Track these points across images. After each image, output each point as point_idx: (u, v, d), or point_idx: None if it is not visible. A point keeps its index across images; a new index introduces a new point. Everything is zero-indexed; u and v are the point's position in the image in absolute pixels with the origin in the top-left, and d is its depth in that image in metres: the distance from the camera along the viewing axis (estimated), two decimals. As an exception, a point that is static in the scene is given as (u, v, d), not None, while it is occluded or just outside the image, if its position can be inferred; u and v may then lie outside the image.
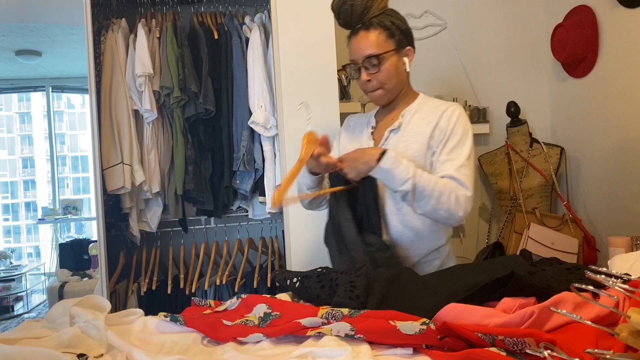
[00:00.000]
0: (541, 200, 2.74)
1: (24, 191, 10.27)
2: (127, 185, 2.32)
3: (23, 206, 10.15)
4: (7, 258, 6.01)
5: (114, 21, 2.44)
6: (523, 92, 3.04)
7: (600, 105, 2.65)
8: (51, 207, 6.24)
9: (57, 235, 6.14)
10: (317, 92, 2.22)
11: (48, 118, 6.82)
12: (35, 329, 1.22)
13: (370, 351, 1.00)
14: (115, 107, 2.35)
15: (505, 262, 1.49)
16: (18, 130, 10.43)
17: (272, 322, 1.21)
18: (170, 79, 2.35)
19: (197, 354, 1.12)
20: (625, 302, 0.99)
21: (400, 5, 3.02)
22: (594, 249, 2.58)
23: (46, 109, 6.78)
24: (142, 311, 1.35)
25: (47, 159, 7.65)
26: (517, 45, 3.07)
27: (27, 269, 5.94)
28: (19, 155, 10.38)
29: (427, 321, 1.03)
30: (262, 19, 2.50)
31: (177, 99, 2.36)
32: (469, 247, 3.03)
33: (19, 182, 10.27)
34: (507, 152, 2.83)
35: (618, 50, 2.51)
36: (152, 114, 2.38)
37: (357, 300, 1.29)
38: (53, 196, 6.69)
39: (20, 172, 10.37)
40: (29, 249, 9.44)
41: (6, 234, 9.57)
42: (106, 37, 2.39)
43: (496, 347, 0.91)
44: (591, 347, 0.83)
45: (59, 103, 10.30)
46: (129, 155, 2.35)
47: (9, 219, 9.85)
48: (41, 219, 5.96)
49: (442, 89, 3.02)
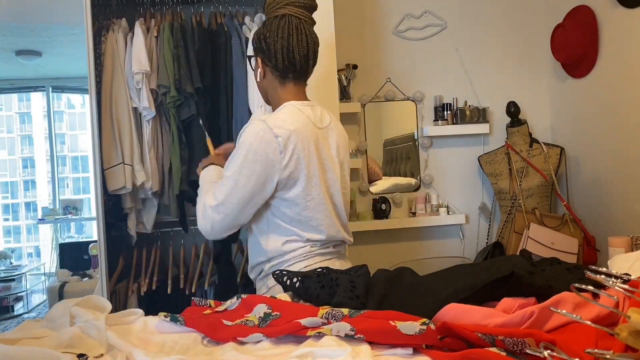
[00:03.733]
0: (541, 200, 2.74)
1: (24, 191, 10.27)
2: (128, 185, 2.32)
3: (23, 206, 10.14)
4: (7, 258, 6.00)
5: (114, 21, 2.44)
6: (523, 92, 3.04)
7: (600, 105, 2.65)
8: (51, 207, 6.24)
9: (57, 235, 6.14)
10: (317, 92, 2.22)
11: (48, 118, 6.82)
12: (35, 329, 1.22)
13: (370, 351, 1.00)
14: (116, 107, 2.35)
15: (505, 262, 1.49)
16: (18, 130, 10.42)
17: (272, 322, 1.21)
18: (167, 78, 2.35)
19: (197, 354, 1.12)
20: (625, 302, 0.99)
21: (400, 5, 3.05)
22: (594, 249, 2.58)
23: (46, 109, 6.78)
24: (142, 311, 1.35)
25: (47, 159, 7.65)
26: (517, 45, 3.08)
27: (27, 269, 5.94)
28: (19, 155, 10.37)
29: (427, 321, 1.03)
30: (262, 19, 2.50)
31: (173, 98, 2.36)
32: (469, 247, 3.03)
33: (19, 182, 10.26)
34: (507, 152, 2.83)
35: (618, 50, 2.51)
36: (150, 112, 2.38)
37: (357, 300, 1.29)
38: (53, 196, 6.68)
39: (20, 172, 10.36)
40: (29, 249, 9.44)
41: (6, 234, 9.56)
42: (107, 37, 2.39)
43: (496, 347, 0.91)
44: (591, 347, 0.83)
45: (59, 103, 10.29)
46: (129, 155, 2.35)
47: (9, 219, 9.84)
48: (41, 219, 5.96)
49: (442, 89, 3.02)
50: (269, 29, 1.54)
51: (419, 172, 3.03)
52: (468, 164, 3.04)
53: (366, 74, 2.98)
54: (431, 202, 2.98)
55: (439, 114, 2.99)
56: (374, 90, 2.98)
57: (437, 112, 3.00)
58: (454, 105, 2.99)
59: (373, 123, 3.01)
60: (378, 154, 3.05)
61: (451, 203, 3.02)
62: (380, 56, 3.01)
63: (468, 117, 2.95)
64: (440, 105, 2.99)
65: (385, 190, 3.02)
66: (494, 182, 2.87)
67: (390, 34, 3.01)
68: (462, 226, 3.03)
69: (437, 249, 3.01)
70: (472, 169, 3.04)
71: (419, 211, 2.95)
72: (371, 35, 3.00)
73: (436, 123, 2.99)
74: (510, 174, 2.80)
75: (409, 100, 3.02)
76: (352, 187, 2.93)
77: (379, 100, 2.99)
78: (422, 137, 3.03)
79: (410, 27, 3.03)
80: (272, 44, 1.53)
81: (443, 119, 2.98)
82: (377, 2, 3.01)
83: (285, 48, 1.52)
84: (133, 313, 1.32)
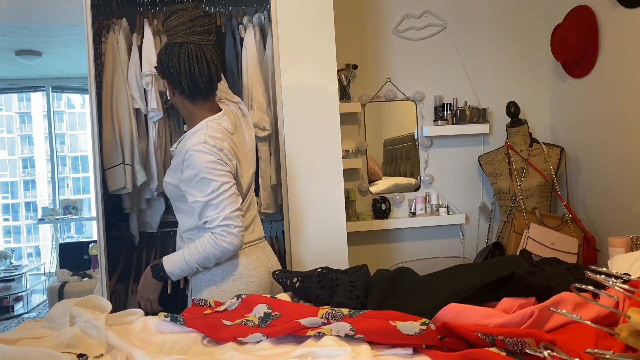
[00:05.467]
0: (541, 200, 2.74)
1: (24, 191, 10.26)
2: (129, 185, 2.32)
3: (23, 206, 10.14)
4: (7, 258, 6.00)
5: (115, 21, 2.44)
6: (523, 92, 3.05)
7: (600, 105, 2.65)
8: (51, 207, 6.23)
9: (57, 235, 6.14)
10: (317, 92, 2.23)
11: (48, 118, 6.82)
12: (35, 329, 1.22)
13: (370, 351, 1.00)
14: (117, 107, 2.35)
15: (505, 262, 1.49)
16: (18, 130, 10.42)
17: (272, 322, 1.21)
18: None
19: (197, 354, 1.12)
20: (625, 302, 0.99)
21: (400, 5, 3.06)
22: (594, 249, 2.58)
23: (46, 109, 6.77)
24: (142, 311, 1.35)
25: (47, 159, 7.65)
26: (517, 45, 3.08)
27: (27, 269, 5.93)
28: (19, 155, 10.37)
29: (427, 321, 1.04)
30: (261, 19, 2.50)
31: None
32: (469, 247, 3.03)
33: (19, 182, 10.26)
34: (507, 152, 2.83)
35: (618, 50, 2.51)
36: (157, 114, 2.38)
37: (357, 300, 1.29)
38: (53, 196, 6.68)
39: (20, 172, 10.36)
40: (29, 249, 9.43)
41: (6, 234, 9.56)
42: (107, 37, 2.39)
43: (496, 347, 0.91)
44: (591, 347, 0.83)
45: (59, 103, 10.29)
46: (130, 155, 2.35)
47: (9, 219, 9.84)
48: (41, 219, 5.95)
49: (442, 89, 3.02)
50: (170, 58, 1.60)
51: (419, 172, 3.03)
52: (468, 164, 3.04)
53: (366, 74, 2.98)
54: (431, 202, 2.98)
55: (439, 114, 2.99)
56: (374, 90, 2.99)
57: (437, 112, 3.00)
58: (454, 105, 2.99)
59: (373, 123, 3.02)
60: (378, 154, 3.05)
61: (451, 203, 3.02)
62: (380, 56, 3.01)
63: (468, 117, 2.96)
64: (440, 105, 2.99)
65: (385, 190, 3.02)
66: (494, 182, 2.87)
67: (390, 34, 3.02)
68: (462, 226, 3.03)
69: (437, 249, 3.01)
70: (472, 169, 3.04)
71: (419, 211, 2.95)
72: (371, 35, 3.00)
73: (436, 123, 2.99)
74: (510, 174, 2.80)
75: (409, 100, 3.02)
76: (352, 187, 2.94)
77: (379, 100, 3.00)
78: (422, 137, 3.03)
79: (410, 27, 3.03)
80: (176, 74, 1.60)
81: (443, 119, 2.98)
82: (377, 2, 3.01)
83: (187, 78, 1.60)
84: (133, 313, 1.32)
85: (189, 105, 1.67)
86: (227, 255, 1.58)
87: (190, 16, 1.58)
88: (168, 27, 1.60)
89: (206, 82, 1.62)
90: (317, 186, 2.20)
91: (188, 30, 1.57)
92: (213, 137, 1.57)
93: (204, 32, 1.60)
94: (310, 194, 2.20)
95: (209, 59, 1.61)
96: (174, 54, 1.59)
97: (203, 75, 1.60)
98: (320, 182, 2.21)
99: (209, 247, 1.54)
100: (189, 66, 1.58)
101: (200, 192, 1.54)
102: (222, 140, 1.59)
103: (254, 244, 1.74)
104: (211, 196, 1.53)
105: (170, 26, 1.59)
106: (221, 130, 1.62)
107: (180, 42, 1.58)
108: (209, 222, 1.54)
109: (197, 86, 1.61)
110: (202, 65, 1.59)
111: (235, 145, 1.66)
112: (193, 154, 1.55)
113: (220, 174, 1.54)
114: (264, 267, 1.71)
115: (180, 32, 1.58)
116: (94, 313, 1.24)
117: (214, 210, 1.53)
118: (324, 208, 2.20)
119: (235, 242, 1.54)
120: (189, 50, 1.58)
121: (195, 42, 1.59)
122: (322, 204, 2.20)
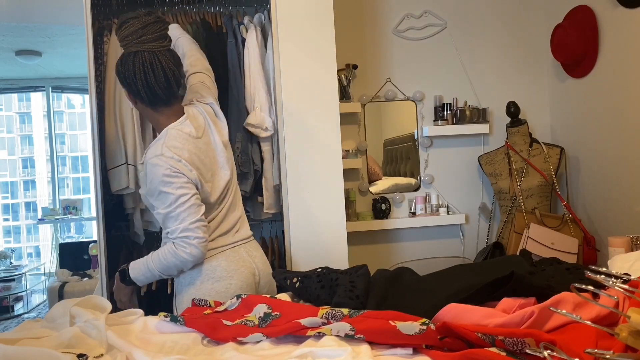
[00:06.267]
0: (541, 200, 2.74)
1: (24, 191, 10.27)
2: (132, 185, 2.32)
3: (23, 206, 10.14)
4: (7, 258, 6.00)
5: (115, 21, 2.44)
6: (523, 92, 3.05)
7: (600, 105, 2.65)
8: (51, 207, 6.23)
9: (57, 235, 6.14)
10: (317, 92, 2.22)
11: (48, 118, 6.82)
12: (35, 329, 1.22)
13: (370, 351, 1.00)
14: (120, 107, 2.35)
15: (505, 262, 1.49)
16: (18, 130, 10.42)
17: (272, 322, 1.21)
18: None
19: (197, 354, 1.12)
20: (625, 302, 0.99)
21: (400, 5, 3.05)
22: (594, 249, 2.58)
23: (46, 109, 6.77)
24: (142, 311, 1.35)
25: (47, 159, 7.65)
26: (517, 45, 3.08)
27: (27, 269, 5.93)
28: (19, 155, 10.37)
29: (427, 321, 1.04)
30: (261, 19, 2.49)
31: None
32: (469, 247, 3.03)
33: (19, 182, 10.26)
34: (507, 152, 2.83)
35: (618, 50, 2.51)
36: None
37: (357, 300, 1.29)
38: (53, 196, 6.68)
39: (20, 172, 10.36)
40: (29, 249, 9.44)
41: (6, 234, 9.57)
42: (109, 37, 2.39)
43: (496, 347, 0.91)
44: (591, 347, 0.83)
45: (59, 103, 10.29)
46: (133, 155, 2.35)
47: (9, 219, 9.84)
48: (41, 219, 5.95)
49: (442, 89, 3.02)
50: (126, 68, 1.58)
51: (419, 172, 3.03)
52: (468, 164, 3.04)
53: (366, 74, 2.98)
54: (431, 202, 2.98)
55: (439, 114, 2.99)
56: (374, 90, 2.99)
57: (437, 112, 3.00)
58: (454, 105, 2.99)
59: (373, 123, 3.02)
60: (378, 154, 3.05)
61: (451, 203, 3.02)
62: (380, 56, 3.01)
63: (468, 117, 2.96)
64: (440, 105, 2.99)
65: (385, 190, 3.02)
66: (494, 182, 2.87)
67: (390, 34, 3.02)
68: (462, 226, 3.03)
69: (437, 249, 3.01)
70: (472, 169, 3.04)
71: (418, 211, 2.95)
72: (371, 35, 3.00)
73: (436, 123, 2.99)
74: (510, 174, 2.80)
75: (409, 100, 3.02)
76: (352, 187, 2.94)
77: (379, 100, 3.00)
78: (422, 137, 3.03)
79: (410, 27, 3.03)
80: (133, 84, 1.59)
81: (443, 119, 2.98)
82: (377, 2, 3.01)
83: (145, 87, 1.58)
84: (133, 313, 1.32)
85: (152, 113, 1.66)
86: (188, 266, 1.60)
87: (140, 24, 1.55)
88: (120, 37, 1.58)
89: (164, 89, 1.59)
90: (317, 186, 2.20)
91: (139, 38, 1.55)
92: (171, 146, 1.57)
93: (157, 39, 1.57)
94: (310, 194, 2.20)
95: (165, 65, 1.58)
96: (129, 64, 1.56)
97: (160, 83, 1.57)
98: (321, 182, 2.21)
99: (169, 256, 1.57)
100: (144, 75, 1.56)
101: (160, 204, 1.56)
102: (181, 149, 1.58)
103: (238, 244, 1.73)
104: (169, 209, 1.54)
105: (122, 36, 1.57)
106: (182, 137, 1.61)
107: (134, 52, 1.56)
108: (170, 233, 1.57)
109: (156, 94, 1.59)
110: (157, 72, 1.56)
111: (199, 150, 1.64)
112: (151, 168, 1.56)
113: (176, 186, 1.54)
114: (247, 268, 1.70)
115: (132, 42, 1.55)
116: (94, 313, 1.24)
117: (174, 222, 1.55)
118: (324, 208, 2.20)
119: (195, 253, 1.55)
120: (143, 58, 1.55)
121: (148, 49, 1.55)
122: (322, 204, 2.20)
